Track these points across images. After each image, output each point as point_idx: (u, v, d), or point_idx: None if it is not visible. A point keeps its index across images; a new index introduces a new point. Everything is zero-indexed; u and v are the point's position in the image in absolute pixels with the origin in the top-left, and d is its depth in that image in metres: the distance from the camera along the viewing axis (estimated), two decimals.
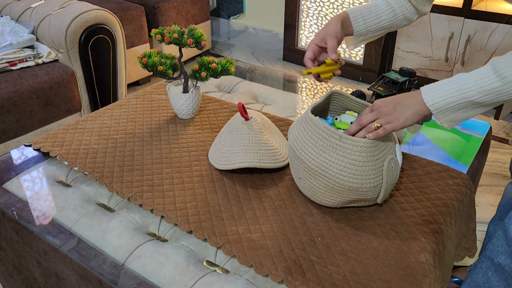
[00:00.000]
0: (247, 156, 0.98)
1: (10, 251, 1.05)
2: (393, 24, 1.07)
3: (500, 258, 1.00)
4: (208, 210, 0.91)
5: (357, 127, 0.86)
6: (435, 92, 0.79)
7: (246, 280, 0.78)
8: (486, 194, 1.77)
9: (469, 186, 1.01)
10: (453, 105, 0.79)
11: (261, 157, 0.99)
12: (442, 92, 0.79)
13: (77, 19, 1.80)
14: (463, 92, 0.77)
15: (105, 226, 0.89)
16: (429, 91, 0.80)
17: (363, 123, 0.85)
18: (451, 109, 0.79)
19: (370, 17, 1.05)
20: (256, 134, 1.01)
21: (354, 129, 0.86)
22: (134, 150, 1.10)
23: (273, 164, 1.00)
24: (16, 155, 1.13)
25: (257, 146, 0.99)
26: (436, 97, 0.79)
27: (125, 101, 1.34)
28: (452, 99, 0.78)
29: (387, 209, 0.92)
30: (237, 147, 1.00)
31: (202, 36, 1.16)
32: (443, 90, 0.79)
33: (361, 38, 1.10)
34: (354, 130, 0.86)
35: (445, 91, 0.79)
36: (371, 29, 1.07)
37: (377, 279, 0.76)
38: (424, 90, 0.81)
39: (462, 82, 0.78)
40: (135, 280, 0.79)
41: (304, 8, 2.78)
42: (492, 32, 2.22)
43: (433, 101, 0.80)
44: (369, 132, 0.83)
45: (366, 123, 0.84)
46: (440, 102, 0.79)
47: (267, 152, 1.00)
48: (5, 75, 1.72)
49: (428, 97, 0.80)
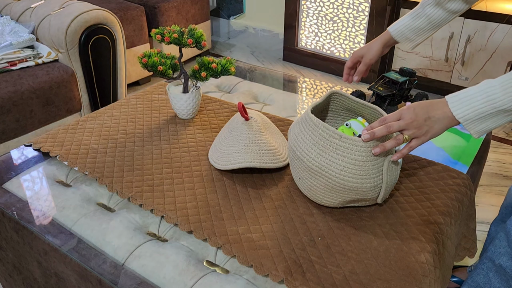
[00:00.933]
0: (247, 156, 0.98)
1: (10, 251, 1.05)
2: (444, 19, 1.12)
3: (501, 260, 1.00)
4: (208, 210, 0.91)
5: (385, 130, 0.80)
6: (464, 104, 0.78)
7: (246, 280, 0.78)
8: (486, 194, 1.77)
9: (469, 186, 1.01)
10: (483, 115, 0.77)
11: (261, 157, 0.99)
12: (471, 104, 0.77)
13: (77, 19, 1.80)
14: (492, 101, 0.76)
15: (105, 226, 0.89)
16: (457, 103, 0.79)
17: (391, 130, 0.80)
18: (481, 119, 0.78)
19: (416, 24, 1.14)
20: (256, 134, 1.01)
21: (380, 132, 0.80)
22: (134, 150, 1.10)
23: (273, 164, 1.00)
24: (16, 155, 1.13)
25: (257, 146, 0.99)
26: (465, 109, 0.78)
27: (125, 101, 1.34)
28: (481, 110, 0.77)
29: (387, 209, 0.92)
30: (237, 147, 1.00)
31: (202, 36, 1.16)
32: (472, 101, 0.77)
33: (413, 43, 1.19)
34: (380, 133, 0.80)
35: (474, 102, 0.77)
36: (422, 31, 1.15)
37: (377, 279, 0.76)
38: (451, 101, 0.79)
39: (490, 91, 0.76)
40: (135, 280, 0.79)
41: (304, 8, 2.78)
42: (492, 32, 2.22)
43: (463, 114, 0.78)
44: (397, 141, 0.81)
45: (394, 130, 0.81)
46: (470, 114, 0.78)
47: (267, 152, 1.00)
48: (5, 75, 1.72)
49: (457, 109, 0.78)
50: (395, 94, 1.22)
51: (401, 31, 1.16)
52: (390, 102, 1.22)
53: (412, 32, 1.16)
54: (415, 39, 1.17)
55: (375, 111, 0.93)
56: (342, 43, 2.72)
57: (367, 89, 1.28)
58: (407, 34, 1.16)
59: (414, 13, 1.15)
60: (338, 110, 1.02)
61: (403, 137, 0.81)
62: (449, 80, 2.46)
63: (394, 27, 1.17)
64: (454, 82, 2.44)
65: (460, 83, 2.43)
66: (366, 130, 0.81)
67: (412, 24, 1.14)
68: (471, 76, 2.37)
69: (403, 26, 1.16)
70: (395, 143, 0.81)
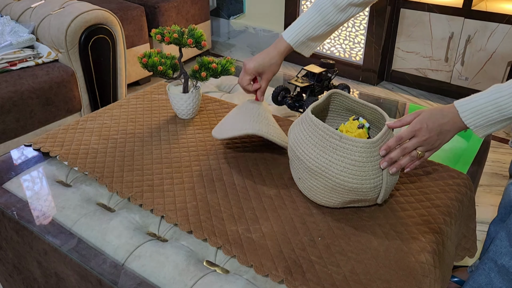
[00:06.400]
0: (255, 125, 0.97)
1: (10, 251, 1.05)
2: (342, 19, 1.04)
3: (503, 260, 1.00)
4: (208, 210, 0.91)
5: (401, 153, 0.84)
6: (475, 115, 0.80)
7: (246, 280, 0.78)
8: (486, 194, 1.77)
9: (469, 186, 1.01)
10: (492, 122, 0.80)
11: (269, 130, 0.97)
12: (482, 114, 0.80)
13: (77, 19, 1.80)
14: (502, 111, 0.78)
15: (105, 226, 0.89)
16: (468, 114, 0.80)
17: (407, 150, 0.83)
18: (490, 125, 0.81)
19: (314, 31, 1.05)
20: (267, 112, 1.01)
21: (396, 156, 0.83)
22: (134, 150, 1.10)
23: (280, 140, 0.99)
24: (16, 155, 1.13)
25: (265, 120, 0.99)
26: (476, 119, 0.80)
27: (125, 101, 1.34)
28: (492, 118, 0.80)
29: (387, 209, 0.92)
30: (246, 117, 0.99)
31: (202, 36, 1.16)
32: (483, 111, 0.79)
33: (312, 50, 1.10)
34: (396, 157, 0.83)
35: (484, 113, 0.79)
36: (321, 37, 1.07)
37: (377, 279, 0.76)
38: (462, 112, 0.81)
39: (500, 101, 0.78)
40: (135, 280, 0.79)
41: (304, 8, 2.78)
42: (492, 32, 2.22)
43: (474, 123, 0.81)
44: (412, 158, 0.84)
45: (410, 151, 0.84)
46: (480, 122, 0.81)
47: (275, 129, 0.99)
48: (5, 75, 1.72)
49: (469, 119, 0.81)
50: (313, 85, 1.24)
51: (300, 40, 1.05)
52: (310, 93, 1.24)
53: (311, 40, 1.06)
54: (314, 46, 1.08)
55: (375, 111, 0.93)
56: (342, 43, 2.72)
57: (287, 82, 1.31)
58: (306, 43, 1.06)
59: (310, 18, 1.04)
60: (338, 110, 1.02)
61: (417, 153, 0.84)
62: (449, 80, 2.46)
63: (291, 36, 1.05)
64: (454, 82, 2.44)
65: (460, 83, 2.43)
66: (383, 150, 0.83)
67: (311, 33, 1.04)
68: (471, 76, 2.37)
69: (301, 34, 1.05)
70: (410, 160, 0.84)
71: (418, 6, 2.40)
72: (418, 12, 2.41)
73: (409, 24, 2.47)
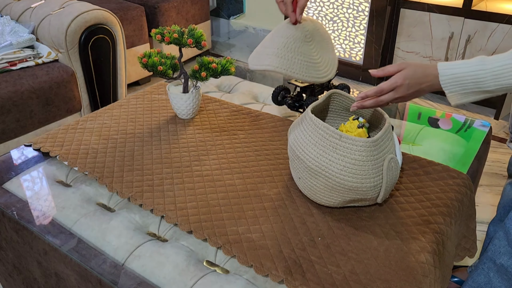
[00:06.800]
0: (276, 61, 0.93)
1: (10, 251, 1.05)
2: None
3: (502, 259, 1.00)
4: (208, 210, 0.91)
5: (375, 105, 0.88)
6: (454, 81, 0.83)
7: (246, 280, 0.78)
8: (486, 194, 1.77)
9: (469, 186, 1.01)
10: (467, 92, 0.83)
11: (292, 65, 0.94)
12: (461, 83, 0.82)
13: (77, 19, 1.80)
14: (480, 83, 0.80)
15: (105, 226, 0.89)
16: (447, 78, 0.83)
17: (382, 103, 0.87)
18: (464, 94, 0.83)
19: None
20: (296, 41, 0.95)
21: (369, 105, 0.88)
22: (134, 150, 1.10)
23: (305, 76, 0.95)
24: (16, 155, 1.13)
25: (291, 53, 0.94)
26: (454, 85, 0.83)
27: (125, 101, 1.34)
28: (468, 88, 0.82)
29: (387, 209, 0.92)
30: (271, 49, 0.95)
31: (202, 36, 1.16)
32: (462, 81, 0.82)
33: None
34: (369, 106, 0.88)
35: (463, 81, 0.82)
36: None
37: (377, 279, 0.76)
38: (442, 73, 0.83)
39: (481, 75, 0.80)
40: (135, 280, 0.79)
41: None
42: (492, 32, 2.22)
43: (451, 89, 0.83)
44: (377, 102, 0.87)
45: (385, 105, 0.87)
46: (456, 90, 0.83)
47: (302, 63, 0.94)
48: (5, 75, 1.72)
49: (447, 84, 0.83)
50: (313, 85, 1.24)
51: None
52: (310, 93, 1.24)
53: None
54: None
55: (375, 111, 0.93)
56: (342, 43, 2.72)
57: (287, 82, 1.30)
58: None
59: None
60: (338, 110, 1.02)
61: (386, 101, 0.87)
62: None
63: None
64: None
65: None
66: (359, 96, 0.87)
67: None
68: None
69: None
70: (375, 103, 0.87)
71: (418, 6, 2.40)
72: (418, 12, 2.41)
73: (409, 24, 2.47)
